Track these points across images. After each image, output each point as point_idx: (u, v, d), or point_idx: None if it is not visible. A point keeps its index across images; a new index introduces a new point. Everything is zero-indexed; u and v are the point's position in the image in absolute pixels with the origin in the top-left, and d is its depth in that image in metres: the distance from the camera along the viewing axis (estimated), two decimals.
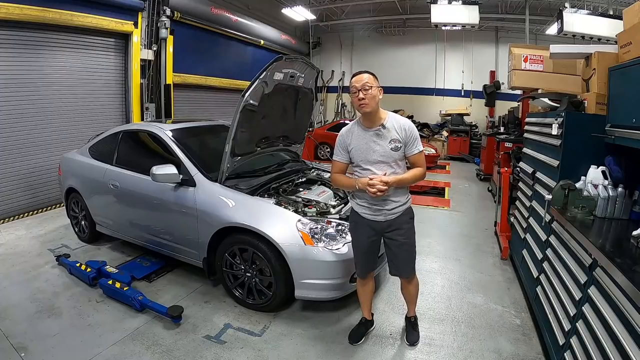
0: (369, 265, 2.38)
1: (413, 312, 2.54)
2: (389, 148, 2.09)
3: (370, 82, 2.06)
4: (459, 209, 5.83)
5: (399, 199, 2.18)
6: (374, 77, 2.11)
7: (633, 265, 1.50)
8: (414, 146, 2.12)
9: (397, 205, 2.18)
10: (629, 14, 2.58)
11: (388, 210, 2.17)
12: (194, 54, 8.01)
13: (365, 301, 2.52)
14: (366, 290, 2.47)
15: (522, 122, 5.10)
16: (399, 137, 2.10)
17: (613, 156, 2.30)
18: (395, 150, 2.09)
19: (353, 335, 2.49)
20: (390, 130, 2.10)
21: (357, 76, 2.10)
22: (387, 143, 2.10)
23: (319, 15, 12.06)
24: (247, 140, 3.06)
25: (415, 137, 2.12)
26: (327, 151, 10.02)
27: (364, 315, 2.56)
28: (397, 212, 2.19)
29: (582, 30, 6.66)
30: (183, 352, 2.34)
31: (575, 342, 1.80)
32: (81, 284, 3.13)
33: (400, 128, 2.11)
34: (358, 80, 2.07)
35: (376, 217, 2.19)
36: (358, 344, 2.45)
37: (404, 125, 2.12)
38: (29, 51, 4.97)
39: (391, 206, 2.17)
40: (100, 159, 3.76)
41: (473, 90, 11.98)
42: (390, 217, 2.19)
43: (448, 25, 8.92)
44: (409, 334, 2.49)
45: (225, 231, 2.78)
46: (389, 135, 2.10)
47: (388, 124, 2.11)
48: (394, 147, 2.09)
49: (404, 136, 2.10)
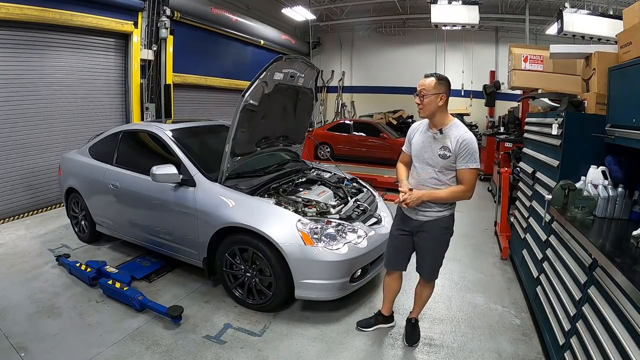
0: (393, 260, 2.41)
1: (416, 314, 2.54)
2: (438, 154, 2.09)
3: (428, 89, 2.05)
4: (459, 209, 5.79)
5: (435, 205, 2.17)
6: (437, 82, 2.05)
7: (633, 265, 1.50)
8: (463, 161, 2.05)
9: (431, 210, 2.17)
10: (629, 14, 2.58)
11: (422, 210, 2.19)
12: (194, 54, 8.00)
13: (386, 297, 2.58)
14: (389, 287, 2.52)
15: (522, 122, 5.10)
16: (450, 146, 2.05)
17: (613, 156, 2.30)
18: (442, 157, 2.08)
19: (363, 322, 2.62)
20: (446, 137, 2.08)
21: (422, 79, 2.10)
22: (439, 148, 2.09)
23: (319, 15, 12.05)
24: (247, 140, 3.06)
25: (468, 153, 2.03)
26: (327, 151, 10.02)
27: (383, 310, 2.62)
28: (430, 217, 2.19)
29: (582, 30, 6.66)
30: (183, 352, 2.34)
31: (575, 342, 1.80)
32: (81, 284, 3.13)
33: (457, 139, 2.04)
34: (419, 84, 2.09)
35: (410, 213, 2.24)
36: (363, 330, 2.57)
37: (461, 137, 2.04)
38: (29, 51, 4.96)
39: (425, 207, 2.18)
40: (100, 159, 3.75)
41: (473, 90, 11.96)
42: (421, 218, 2.21)
43: (448, 25, 8.91)
44: (409, 335, 2.50)
45: (225, 231, 2.78)
46: (443, 142, 2.08)
47: (446, 131, 2.08)
48: (442, 155, 2.08)
49: (456, 147, 2.04)
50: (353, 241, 2.65)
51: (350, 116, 13.73)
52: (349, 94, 14.13)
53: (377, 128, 9.84)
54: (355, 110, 14.01)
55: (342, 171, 3.93)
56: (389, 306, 2.60)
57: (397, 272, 2.46)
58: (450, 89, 2.10)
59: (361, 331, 2.57)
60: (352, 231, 2.72)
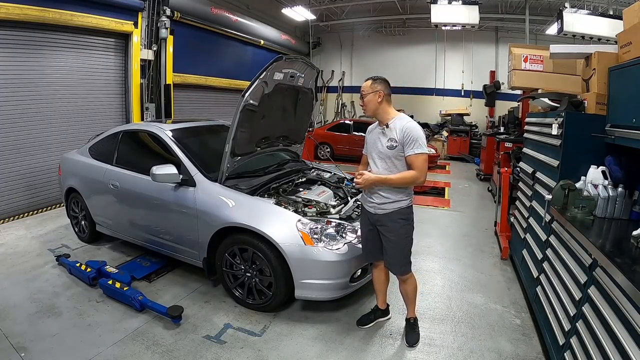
0: (369, 252, 2.50)
1: (412, 313, 2.54)
2: (386, 145, 2.23)
3: (365, 90, 2.26)
4: (459, 209, 5.83)
5: (388, 196, 2.26)
6: (372, 82, 2.26)
7: (633, 265, 1.50)
8: (409, 147, 2.17)
9: (387, 201, 2.26)
10: (629, 14, 2.58)
11: (377, 204, 2.29)
12: (194, 54, 8.01)
13: (378, 290, 2.65)
14: (377, 278, 2.60)
15: (522, 122, 5.10)
16: (396, 136, 2.20)
17: (613, 156, 2.30)
18: (390, 148, 2.21)
19: (362, 319, 2.65)
20: (392, 130, 2.23)
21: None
22: (386, 141, 2.23)
23: (319, 15, 12.06)
24: (247, 140, 3.06)
25: (412, 139, 2.15)
26: (327, 151, 10.02)
27: (378, 304, 2.67)
28: (386, 209, 2.27)
29: (582, 30, 6.66)
30: (183, 352, 2.34)
31: (575, 342, 1.80)
32: (81, 284, 3.13)
33: (401, 129, 2.19)
34: (361, 89, 2.29)
35: (368, 207, 2.36)
36: (364, 327, 2.60)
37: (404, 126, 2.20)
38: (29, 51, 4.97)
39: (380, 200, 2.27)
40: (100, 159, 3.75)
41: (473, 90, 11.98)
42: (378, 212, 2.30)
43: (448, 25, 8.92)
44: (408, 335, 2.50)
45: (225, 231, 2.78)
46: (389, 135, 2.23)
47: (391, 124, 2.24)
48: (389, 146, 2.22)
49: (401, 136, 2.18)
50: (353, 241, 2.65)
51: (350, 116, 13.75)
52: (349, 94, 14.15)
53: None
54: (355, 110, 14.02)
55: (342, 171, 3.93)
56: (382, 298, 2.66)
57: (380, 263, 2.51)
58: (388, 87, 2.27)
59: (362, 328, 2.59)
60: (352, 231, 2.72)
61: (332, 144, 10.01)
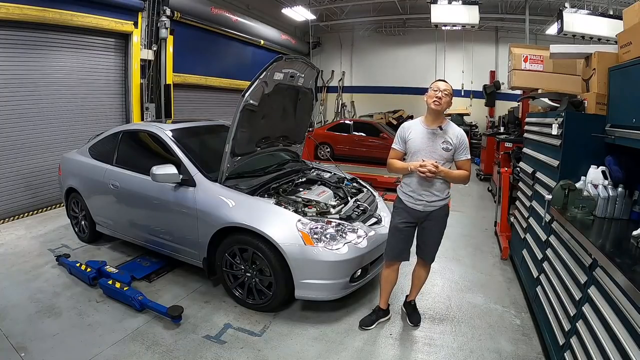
0: (397, 251, 2.51)
1: (414, 296, 2.72)
2: (441, 147, 2.33)
3: (449, 91, 2.35)
4: (459, 209, 5.82)
5: (439, 194, 2.37)
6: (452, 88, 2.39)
7: (633, 265, 1.50)
8: (463, 153, 2.37)
9: (437, 199, 2.37)
10: (629, 14, 2.58)
11: (428, 201, 2.37)
12: (194, 54, 8.01)
13: (385, 289, 2.66)
14: (388, 278, 2.61)
15: (522, 122, 5.10)
16: (451, 141, 2.33)
17: (613, 156, 2.30)
18: (445, 150, 2.33)
19: (364, 321, 2.65)
20: (445, 133, 2.35)
21: (441, 82, 2.37)
22: (441, 143, 2.33)
23: (319, 15, 12.05)
24: (247, 140, 3.06)
25: (465, 146, 2.37)
26: (327, 151, 10.02)
27: (380, 303, 2.69)
28: (436, 206, 2.39)
29: (582, 30, 6.65)
30: (183, 352, 2.34)
31: (575, 342, 1.80)
32: (81, 284, 3.13)
33: (455, 134, 2.35)
34: (441, 85, 2.34)
35: (416, 205, 2.39)
36: (367, 329, 2.60)
37: (458, 133, 2.37)
38: (29, 51, 4.96)
39: (432, 198, 2.36)
40: (100, 159, 3.75)
41: (473, 90, 11.97)
42: (428, 209, 2.39)
43: (448, 25, 8.91)
44: (411, 316, 2.68)
45: (225, 231, 2.78)
46: (443, 137, 2.34)
47: (445, 127, 2.36)
48: (445, 148, 2.32)
49: (456, 142, 2.34)
50: (353, 241, 2.65)
51: (350, 116, 13.74)
52: (349, 94, 14.14)
53: (377, 128, 9.85)
54: (355, 110, 14.01)
55: (342, 171, 3.93)
56: (386, 298, 2.68)
57: (397, 264, 2.57)
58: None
59: (365, 330, 2.59)
60: (352, 231, 2.72)
61: (332, 144, 10.01)
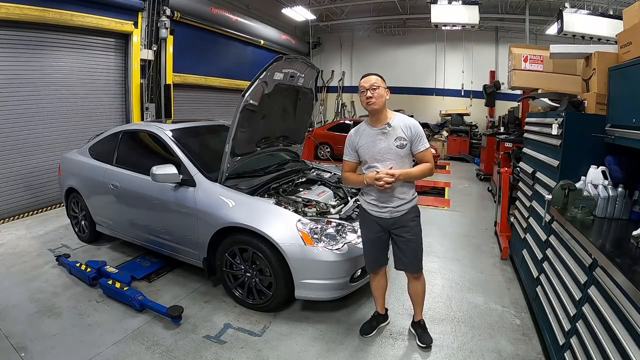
0: (377, 260, 2.42)
1: (420, 315, 2.51)
2: (395, 145, 2.17)
3: (378, 83, 2.17)
4: (459, 209, 5.82)
5: (404, 197, 2.23)
6: (381, 79, 2.21)
7: (633, 265, 1.50)
8: (419, 144, 2.19)
9: (403, 202, 2.23)
10: (629, 14, 2.58)
11: (393, 207, 2.23)
12: (194, 54, 8.01)
13: (378, 296, 2.57)
14: (378, 285, 2.52)
15: (522, 122, 5.10)
16: (404, 135, 2.17)
17: (613, 156, 2.29)
18: (400, 147, 2.17)
19: (364, 328, 2.56)
20: (395, 128, 2.18)
21: (365, 77, 2.21)
22: (393, 141, 2.17)
23: (319, 15, 12.06)
24: (247, 140, 3.06)
25: (420, 136, 2.20)
26: (327, 151, 10.02)
27: (377, 309, 2.62)
28: (403, 210, 2.24)
29: (582, 30, 6.66)
30: (183, 352, 2.34)
31: (575, 342, 1.80)
32: (81, 284, 3.13)
33: (406, 127, 2.19)
34: (366, 81, 2.18)
35: (382, 214, 2.25)
36: (368, 336, 2.51)
37: (409, 124, 2.21)
38: (29, 51, 4.97)
39: (396, 203, 2.22)
40: (100, 159, 3.75)
41: (473, 90, 11.98)
42: (395, 215, 2.24)
43: (448, 25, 8.92)
44: (421, 337, 2.45)
45: (225, 231, 2.78)
46: (395, 134, 2.18)
47: (394, 123, 2.19)
48: (399, 145, 2.17)
49: (409, 134, 2.18)
50: (353, 241, 2.65)
51: (350, 116, 13.74)
52: (349, 94, 14.14)
53: None
54: (355, 110, 14.01)
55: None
56: (382, 303, 2.61)
57: (382, 269, 2.48)
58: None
59: (366, 337, 2.51)
60: (352, 231, 2.72)
61: (332, 144, 10.01)
